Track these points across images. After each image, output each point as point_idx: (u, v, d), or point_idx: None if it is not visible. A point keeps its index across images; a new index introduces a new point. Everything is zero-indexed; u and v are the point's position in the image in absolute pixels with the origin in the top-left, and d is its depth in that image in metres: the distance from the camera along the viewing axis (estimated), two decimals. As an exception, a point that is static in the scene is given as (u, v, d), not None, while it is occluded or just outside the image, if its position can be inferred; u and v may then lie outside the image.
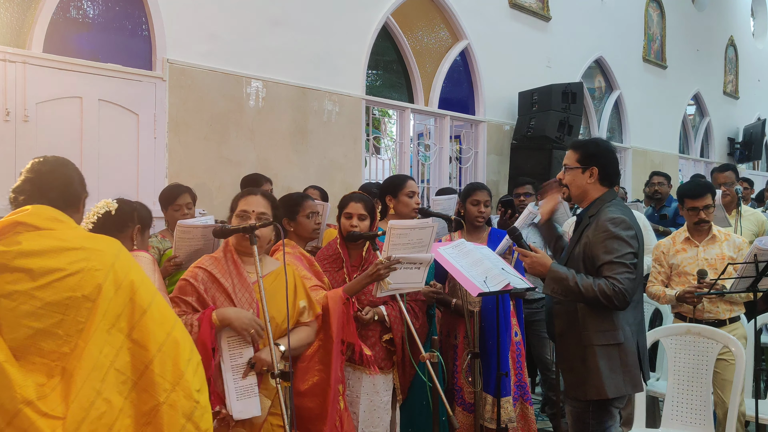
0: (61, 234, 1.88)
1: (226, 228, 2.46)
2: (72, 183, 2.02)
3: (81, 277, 1.81)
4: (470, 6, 7.23)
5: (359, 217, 3.04)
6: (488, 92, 7.49)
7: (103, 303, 1.81)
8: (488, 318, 3.42)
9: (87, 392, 1.76)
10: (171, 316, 1.96)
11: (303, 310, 2.58)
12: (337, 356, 2.65)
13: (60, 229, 1.89)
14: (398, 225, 2.75)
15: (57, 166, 2.03)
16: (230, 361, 2.36)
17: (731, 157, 13.12)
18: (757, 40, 14.82)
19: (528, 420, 3.54)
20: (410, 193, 3.46)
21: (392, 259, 2.74)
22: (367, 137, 6.26)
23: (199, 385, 1.92)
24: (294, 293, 2.55)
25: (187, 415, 1.85)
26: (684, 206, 3.74)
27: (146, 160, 4.60)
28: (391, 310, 3.06)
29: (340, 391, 2.68)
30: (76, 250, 1.85)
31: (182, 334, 1.94)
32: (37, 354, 1.78)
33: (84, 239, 1.90)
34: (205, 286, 2.46)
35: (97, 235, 1.98)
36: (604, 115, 9.70)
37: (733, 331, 3.57)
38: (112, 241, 1.96)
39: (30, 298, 1.77)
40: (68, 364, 1.78)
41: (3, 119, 3.97)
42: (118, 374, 1.80)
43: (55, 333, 1.78)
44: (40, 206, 1.91)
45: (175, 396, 1.83)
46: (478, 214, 3.58)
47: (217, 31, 4.99)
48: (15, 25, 4.12)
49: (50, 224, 1.89)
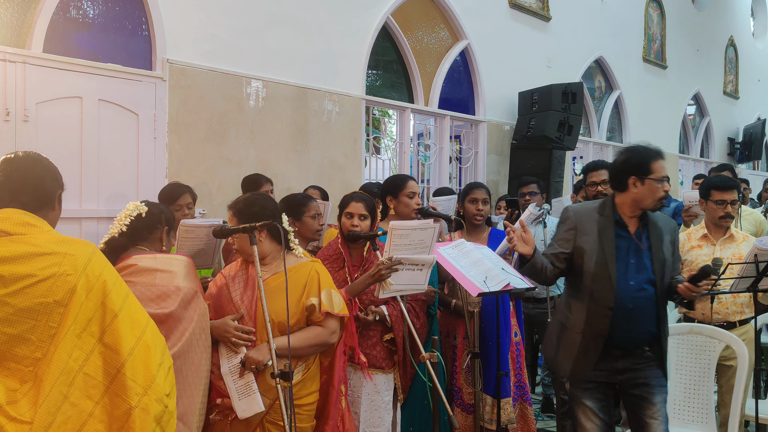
0: (32, 239, 1.85)
1: (226, 228, 2.47)
2: (44, 182, 1.98)
3: (52, 283, 1.80)
4: (470, 6, 7.23)
5: (360, 216, 3.04)
6: (488, 92, 7.49)
7: (75, 307, 1.80)
8: (488, 318, 3.42)
9: (55, 397, 1.76)
10: (143, 319, 1.94)
11: (312, 309, 2.50)
12: (339, 356, 2.64)
13: (31, 233, 1.87)
14: (400, 226, 2.74)
15: (27, 164, 1.98)
16: (228, 363, 2.39)
17: (731, 157, 13.13)
18: (757, 40, 14.82)
19: (528, 420, 3.54)
20: (411, 193, 3.45)
21: (394, 260, 2.72)
22: (367, 137, 6.26)
23: (169, 389, 1.92)
24: (303, 290, 2.51)
25: (158, 419, 1.85)
26: (710, 199, 3.68)
27: (146, 160, 4.60)
28: (392, 309, 3.06)
29: (342, 391, 2.68)
30: (48, 255, 1.83)
31: (153, 337, 1.93)
32: (12, 360, 1.78)
33: (56, 243, 1.88)
34: (219, 292, 2.54)
35: (71, 239, 1.94)
36: (604, 115, 9.70)
37: (743, 335, 3.55)
38: (85, 244, 1.93)
39: (2, 305, 1.76)
40: (39, 369, 1.78)
41: (3, 119, 3.97)
42: (87, 378, 1.79)
43: (28, 339, 1.78)
44: (11, 210, 1.88)
45: (147, 400, 1.82)
46: (476, 213, 3.58)
47: (217, 31, 4.99)
48: (15, 25, 4.12)
49: (21, 229, 1.86)
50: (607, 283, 2.79)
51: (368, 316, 2.98)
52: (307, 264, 2.60)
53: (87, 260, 1.86)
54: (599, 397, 2.89)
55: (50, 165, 2.04)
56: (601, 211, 2.89)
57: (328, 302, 2.52)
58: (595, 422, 2.88)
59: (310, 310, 2.50)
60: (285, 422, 2.15)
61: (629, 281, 2.79)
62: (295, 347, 2.43)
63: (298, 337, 2.46)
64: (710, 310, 3.62)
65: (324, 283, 2.56)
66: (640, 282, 2.79)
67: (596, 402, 2.88)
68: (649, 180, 2.75)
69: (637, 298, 2.78)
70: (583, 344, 2.85)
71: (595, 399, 2.89)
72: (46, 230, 1.92)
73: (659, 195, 2.76)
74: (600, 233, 2.84)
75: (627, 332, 2.79)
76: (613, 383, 2.89)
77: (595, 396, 2.89)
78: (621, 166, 2.85)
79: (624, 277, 2.79)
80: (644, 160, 2.77)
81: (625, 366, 2.84)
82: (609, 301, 2.78)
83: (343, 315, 2.57)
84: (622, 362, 2.84)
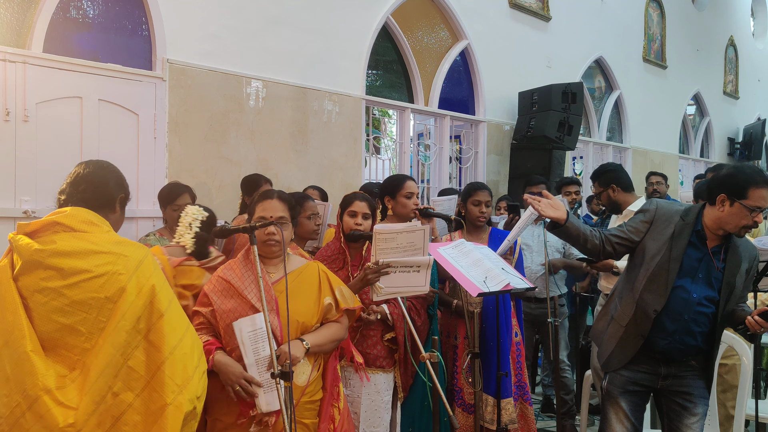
0: (93, 237, 2.02)
1: (226, 228, 2.47)
2: (106, 184, 2.17)
3: (105, 280, 1.95)
4: (470, 6, 7.23)
5: (363, 216, 3.04)
6: (488, 92, 7.49)
7: (123, 305, 1.94)
8: (489, 319, 3.42)
9: (100, 386, 1.89)
10: (184, 322, 2.07)
11: (329, 307, 2.57)
12: (332, 358, 2.64)
13: (93, 232, 2.04)
14: (383, 230, 2.71)
15: (95, 168, 2.18)
16: (253, 356, 2.35)
17: (731, 157, 13.13)
18: (757, 40, 14.82)
19: (528, 420, 3.54)
20: (408, 194, 3.42)
21: (381, 264, 2.70)
22: (367, 137, 6.26)
23: (201, 392, 2.02)
24: (318, 290, 2.57)
25: (187, 419, 1.95)
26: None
27: (146, 160, 4.60)
28: (393, 308, 3.05)
29: (335, 393, 2.66)
30: (104, 254, 1.99)
31: (193, 340, 2.05)
32: (64, 347, 1.93)
33: (113, 244, 2.04)
34: (218, 297, 2.48)
35: (127, 241, 2.11)
36: (604, 115, 9.70)
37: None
38: (139, 247, 2.09)
39: (59, 296, 1.92)
40: (88, 359, 1.91)
41: (3, 119, 3.97)
42: (131, 371, 1.92)
43: (79, 330, 1.92)
44: (78, 208, 2.07)
45: (181, 398, 1.93)
46: (480, 215, 3.57)
47: (217, 31, 4.99)
48: (15, 25, 4.12)
49: (84, 227, 2.03)
50: (662, 287, 2.70)
51: (370, 315, 2.98)
52: (311, 265, 2.64)
53: (139, 262, 2.02)
54: (635, 401, 2.85)
55: (116, 171, 2.24)
56: (684, 215, 2.75)
57: (343, 299, 2.61)
58: (626, 425, 2.83)
59: (327, 309, 2.57)
60: (285, 422, 2.16)
61: (693, 293, 2.70)
62: (320, 344, 2.50)
63: (322, 334, 2.53)
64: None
65: (334, 281, 2.64)
66: (701, 297, 2.69)
67: (631, 405, 2.84)
68: (739, 204, 2.58)
69: (696, 311, 2.70)
70: (623, 338, 2.81)
71: (630, 402, 2.84)
72: (106, 230, 2.09)
73: (744, 223, 2.59)
74: (674, 236, 2.72)
75: (678, 342, 2.72)
76: (654, 388, 2.84)
77: (631, 399, 2.84)
78: (719, 180, 2.67)
79: (690, 286, 2.70)
80: (743, 183, 2.57)
81: (668, 372, 2.79)
82: (657, 305, 2.70)
83: (360, 307, 2.67)
84: (666, 368, 2.79)
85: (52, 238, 1.98)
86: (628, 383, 2.83)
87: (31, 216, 3.99)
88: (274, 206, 2.53)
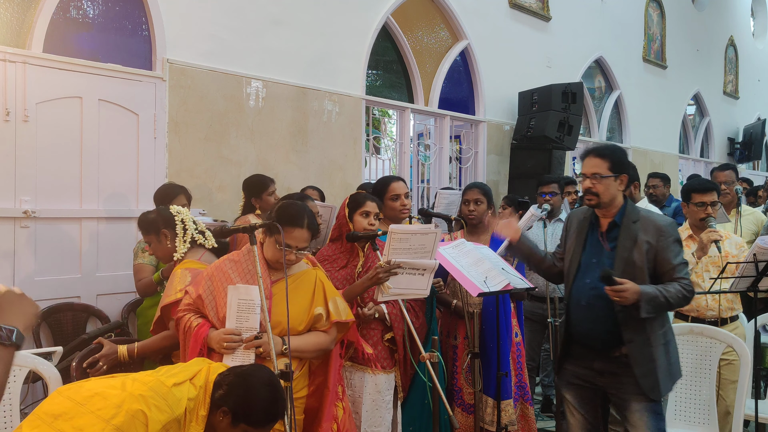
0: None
1: (225, 228, 2.48)
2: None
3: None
4: (470, 6, 7.23)
5: (375, 216, 3.06)
6: (488, 92, 7.49)
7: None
8: (489, 319, 3.42)
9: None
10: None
11: (319, 317, 2.56)
12: (335, 358, 2.65)
13: None
14: (399, 230, 2.73)
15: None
16: (235, 322, 2.43)
17: (731, 157, 13.13)
18: (757, 40, 14.82)
19: (528, 420, 3.54)
20: (393, 196, 3.37)
21: (392, 264, 2.72)
22: (367, 137, 6.26)
23: None
24: (311, 299, 2.56)
25: None
26: (691, 201, 3.72)
27: (146, 160, 4.60)
28: (391, 308, 3.06)
29: (338, 393, 2.67)
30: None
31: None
32: None
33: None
34: (213, 283, 2.52)
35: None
36: (604, 115, 9.70)
37: (733, 330, 3.58)
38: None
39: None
40: None
41: (3, 119, 3.97)
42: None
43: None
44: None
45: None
46: (468, 213, 3.62)
47: (217, 31, 4.99)
48: (15, 25, 4.12)
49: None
50: (567, 279, 2.94)
51: (369, 311, 2.99)
52: (311, 272, 2.63)
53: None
54: (582, 394, 2.94)
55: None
56: (586, 211, 2.97)
57: (336, 311, 2.59)
58: (576, 417, 2.95)
59: (317, 319, 2.56)
60: (285, 421, 2.16)
61: (586, 278, 2.84)
62: (301, 349, 2.50)
63: (306, 340, 2.52)
64: (705, 306, 3.66)
65: (329, 292, 2.62)
66: (594, 280, 2.77)
67: (577, 398, 2.95)
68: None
69: (590, 296, 2.81)
70: (561, 338, 3.03)
71: (576, 395, 2.95)
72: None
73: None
74: (577, 232, 2.95)
75: (587, 329, 2.85)
76: (597, 386, 2.90)
77: (577, 392, 2.95)
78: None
79: (582, 274, 2.86)
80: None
81: (602, 368, 2.85)
82: (566, 296, 2.96)
83: (351, 320, 2.64)
84: (598, 363, 2.86)
85: None
86: (572, 377, 2.96)
87: (31, 216, 3.99)
88: (302, 237, 2.50)
